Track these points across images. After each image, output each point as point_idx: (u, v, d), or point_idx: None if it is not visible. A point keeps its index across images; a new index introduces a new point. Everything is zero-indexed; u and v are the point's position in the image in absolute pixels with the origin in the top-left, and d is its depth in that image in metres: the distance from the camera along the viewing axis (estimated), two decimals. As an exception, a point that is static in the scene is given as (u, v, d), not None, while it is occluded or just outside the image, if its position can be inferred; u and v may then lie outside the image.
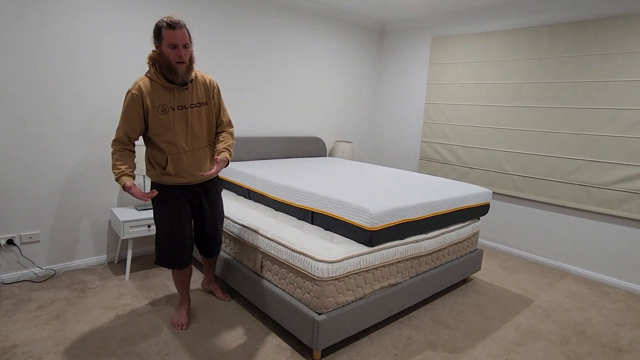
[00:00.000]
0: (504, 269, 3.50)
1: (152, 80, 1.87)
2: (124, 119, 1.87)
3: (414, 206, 2.32)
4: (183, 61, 1.82)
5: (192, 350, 2.06)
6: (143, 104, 1.85)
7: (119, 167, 1.83)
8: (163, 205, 2.05)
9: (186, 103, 1.94)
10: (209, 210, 2.21)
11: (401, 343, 2.24)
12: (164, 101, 1.88)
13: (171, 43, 1.77)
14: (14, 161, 2.61)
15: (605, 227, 3.26)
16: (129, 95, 1.85)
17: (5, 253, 2.66)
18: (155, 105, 1.86)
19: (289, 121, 4.19)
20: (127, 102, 1.84)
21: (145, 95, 1.84)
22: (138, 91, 1.83)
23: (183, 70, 1.84)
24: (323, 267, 1.91)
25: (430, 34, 4.44)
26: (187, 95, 1.94)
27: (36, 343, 2.04)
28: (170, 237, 2.08)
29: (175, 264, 2.12)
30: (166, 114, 1.89)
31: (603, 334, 2.49)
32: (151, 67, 1.88)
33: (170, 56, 1.79)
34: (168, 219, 2.06)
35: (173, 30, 1.75)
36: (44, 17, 2.58)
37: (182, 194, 2.06)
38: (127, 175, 1.82)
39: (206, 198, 2.18)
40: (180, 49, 1.79)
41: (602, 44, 3.16)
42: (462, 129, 4.14)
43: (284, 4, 3.86)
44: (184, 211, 2.08)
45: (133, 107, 1.84)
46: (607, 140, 3.18)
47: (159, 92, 1.87)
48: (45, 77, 2.64)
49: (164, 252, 2.11)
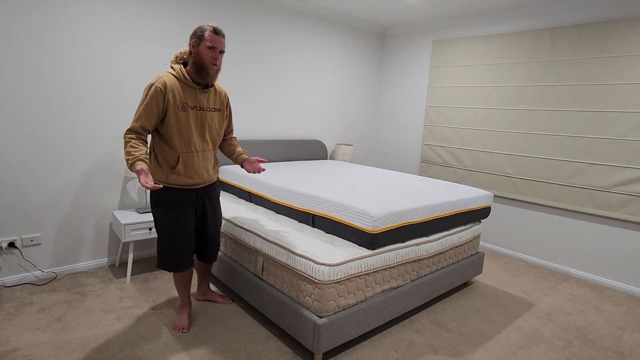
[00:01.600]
0: (506, 272, 3.49)
1: (177, 78, 1.96)
2: (144, 111, 1.90)
3: (415, 209, 2.32)
4: (215, 64, 1.95)
5: (193, 353, 2.05)
6: (165, 98, 1.92)
7: (133, 153, 1.83)
8: (167, 209, 2.05)
9: (204, 105, 2.04)
10: (211, 214, 2.23)
11: (402, 346, 2.24)
12: (185, 99, 1.96)
13: (211, 45, 1.91)
14: (15, 164, 2.62)
15: (607, 230, 3.25)
16: (152, 88, 1.89)
17: (6, 256, 2.66)
18: (176, 101, 1.93)
19: (290, 124, 4.20)
20: (150, 94, 1.89)
21: (168, 91, 1.91)
22: (162, 85, 1.90)
23: (213, 71, 1.97)
24: (324, 270, 1.91)
25: (431, 37, 4.45)
26: (206, 98, 2.05)
27: (37, 346, 2.04)
28: (174, 240, 2.08)
29: (178, 267, 2.13)
30: (185, 112, 1.96)
31: (605, 337, 2.48)
32: (177, 66, 1.98)
33: (206, 57, 1.92)
34: (173, 223, 2.06)
35: (216, 35, 1.92)
36: (49, 20, 2.59)
37: (187, 198, 2.08)
38: (141, 160, 1.82)
39: (209, 202, 2.20)
40: (216, 52, 1.94)
41: (603, 47, 3.16)
42: (463, 132, 4.14)
43: (286, 8, 3.88)
44: (188, 215, 2.09)
45: (155, 100, 1.90)
46: (608, 143, 3.17)
47: (181, 90, 1.95)
48: (47, 80, 2.66)
49: (167, 256, 2.11)
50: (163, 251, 2.11)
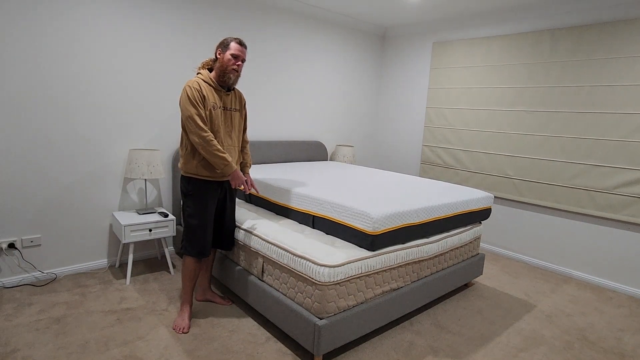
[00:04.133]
0: (506, 273, 3.48)
1: (205, 81, 2.20)
2: (198, 107, 2.11)
3: (416, 210, 2.32)
4: (237, 70, 2.20)
5: (192, 354, 2.05)
6: (202, 96, 2.14)
7: (224, 153, 2.14)
8: (196, 199, 2.25)
9: (228, 105, 2.30)
10: (230, 205, 2.46)
11: (403, 348, 2.23)
12: (214, 100, 2.21)
13: (234, 54, 2.16)
14: (15, 165, 2.62)
15: (608, 231, 3.25)
16: (189, 89, 2.11)
17: (6, 257, 2.66)
18: (209, 101, 2.17)
19: (290, 125, 4.20)
20: (191, 94, 2.11)
21: (203, 90, 2.15)
22: (198, 85, 2.14)
23: (235, 76, 2.22)
24: (324, 271, 1.90)
25: (431, 38, 4.45)
26: (229, 99, 2.30)
27: (37, 347, 2.03)
28: (200, 228, 2.26)
29: (202, 254, 2.29)
30: (215, 110, 2.20)
31: (606, 339, 2.47)
32: (204, 71, 2.22)
33: (229, 64, 2.17)
34: (200, 212, 2.25)
35: (240, 46, 2.20)
36: (54, 20, 2.59)
37: (213, 189, 2.28)
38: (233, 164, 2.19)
39: (230, 194, 2.43)
40: (239, 60, 2.19)
41: (603, 49, 3.16)
42: (463, 134, 4.14)
43: (286, 9, 3.88)
44: (212, 205, 2.30)
45: (200, 99, 2.13)
46: (609, 145, 3.17)
47: (211, 92, 2.20)
48: (49, 81, 2.66)
49: (193, 242, 2.27)
50: (190, 238, 2.28)
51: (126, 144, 3.06)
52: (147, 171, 2.88)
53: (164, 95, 3.20)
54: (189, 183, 2.23)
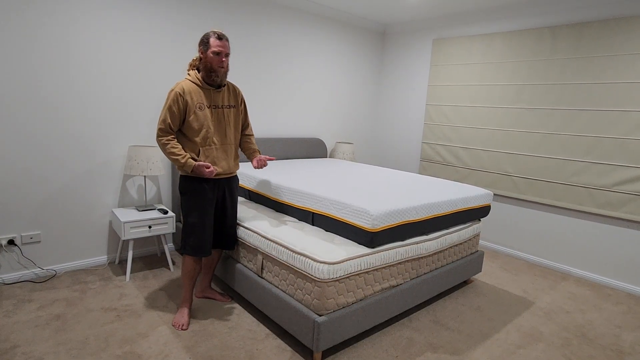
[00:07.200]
0: (505, 270, 3.49)
1: (192, 82, 2.17)
2: (167, 114, 2.11)
3: (415, 207, 2.32)
4: (223, 66, 2.14)
5: (192, 351, 2.05)
6: (184, 101, 2.12)
7: (179, 153, 2.11)
8: (191, 197, 2.23)
9: (219, 103, 2.24)
10: (231, 203, 2.42)
11: (402, 345, 2.24)
12: (201, 100, 2.17)
13: (216, 51, 2.08)
14: (15, 162, 2.61)
15: (607, 229, 3.25)
16: (172, 94, 2.11)
17: (6, 253, 2.66)
18: (194, 102, 2.14)
19: (290, 122, 4.19)
20: (171, 99, 2.10)
21: (186, 94, 2.12)
22: (181, 90, 2.11)
23: (222, 73, 2.16)
24: (324, 268, 1.91)
25: (431, 35, 4.44)
26: (220, 97, 2.25)
27: (37, 343, 2.04)
28: (197, 226, 2.23)
29: (200, 252, 2.27)
30: (202, 111, 2.17)
31: (604, 336, 2.48)
32: (191, 71, 2.20)
33: (213, 62, 2.11)
34: (196, 210, 2.23)
35: (220, 40, 2.10)
36: (49, 20, 2.58)
37: (209, 187, 2.25)
38: (190, 158, 2.14)
39: (229, 192, 2.39)
40: (222, 56, 2.12)
41: (604, 46, 3.16)
42: (463, 131, 4.13)
43: (286, 6, 3.87)
44: (210, 204, 2.27)
45: (175, 104, 2.11)
46: (609, 143, 3.17)
47: (197, 92, 2.16)
48: (47, 79, 2.65)
49: (191, 241, 2.25)
50: (188, 237, 2.26)
51: (125, 141, 3.06)
52: (147, 168, 2.88)
53: (163, 92, 3.20)
54: (186, 182, 2.22)
